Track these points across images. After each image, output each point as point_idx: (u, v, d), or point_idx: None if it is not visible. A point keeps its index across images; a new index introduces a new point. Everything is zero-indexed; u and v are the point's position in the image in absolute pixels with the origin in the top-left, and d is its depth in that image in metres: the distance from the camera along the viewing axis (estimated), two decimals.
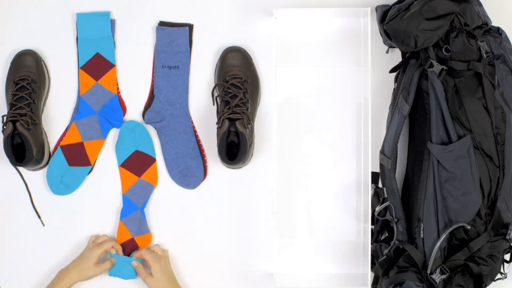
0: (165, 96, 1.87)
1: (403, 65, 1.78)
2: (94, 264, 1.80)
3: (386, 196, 1.77)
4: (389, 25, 1.69)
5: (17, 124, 1.76)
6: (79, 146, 1.87)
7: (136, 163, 1.87)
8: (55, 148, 1.87)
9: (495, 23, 1.74)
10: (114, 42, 1.88)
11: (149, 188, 1.86)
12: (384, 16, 1.73)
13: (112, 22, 1.87)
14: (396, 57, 1.84)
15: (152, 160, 1.87)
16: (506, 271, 1.75)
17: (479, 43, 1.68)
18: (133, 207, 1.86)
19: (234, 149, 1.79)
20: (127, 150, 1.87)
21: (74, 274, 1.79)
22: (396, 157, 1.74)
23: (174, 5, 1.88)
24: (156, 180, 1.87)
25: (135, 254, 1.83)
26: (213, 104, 1.83)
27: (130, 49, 1.88)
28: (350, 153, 1.86)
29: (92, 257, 1.80)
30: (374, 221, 1.81)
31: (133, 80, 1.88)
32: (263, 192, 1.86)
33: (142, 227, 1.86)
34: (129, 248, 1.86)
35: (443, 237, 1.67)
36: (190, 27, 1.87)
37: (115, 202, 1.87)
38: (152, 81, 1.88)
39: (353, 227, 1.86)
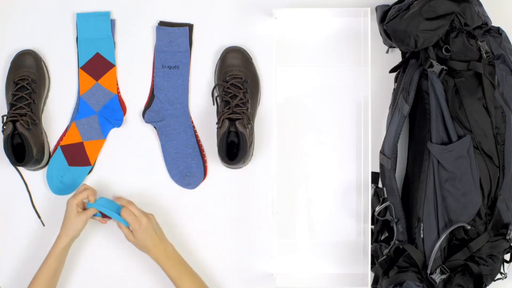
0: (165, 96, 1.87)
1: (403, 65, 1.78)
2: (76, 214, 1.75)
3: (386, 196, 1.77)
4: (389, 25, 1.69)
5: (17, 124, 1.77)
6: (79, 146, 1.87)
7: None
8: (55, 148, 1.87)
9: (495, 23, 1.74)
10: (114, 42, 1.88)
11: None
12: (384, 16, 1.73)
13: (112, 22, 1.87)
14: (396, 57, 1.84)
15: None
16: (506, 271, 1.75)
17: (479, 43, 1.68)
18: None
19: (234, 149, 1.79)
20: None
21: (62, 233, 1.75)
22: (396, 157, 1.74)
23: (174, 5, 1.88)
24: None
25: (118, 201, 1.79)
26: (213, 104, 1.83)
27: (130, 49, 1.88)
28: (350, 153, 1.86)
29: (72, 209, 1.75)
30: (374, 221, 1.81)
31: (133, 80, 1.88)
32: (263, 192, 1.86)
33: None
34: None
35: (443, 237, 1.67)
36: (190, 27, 1.87)
37: None
38: (152, 81, 1.88)
39: (353, 227, 1.86)
